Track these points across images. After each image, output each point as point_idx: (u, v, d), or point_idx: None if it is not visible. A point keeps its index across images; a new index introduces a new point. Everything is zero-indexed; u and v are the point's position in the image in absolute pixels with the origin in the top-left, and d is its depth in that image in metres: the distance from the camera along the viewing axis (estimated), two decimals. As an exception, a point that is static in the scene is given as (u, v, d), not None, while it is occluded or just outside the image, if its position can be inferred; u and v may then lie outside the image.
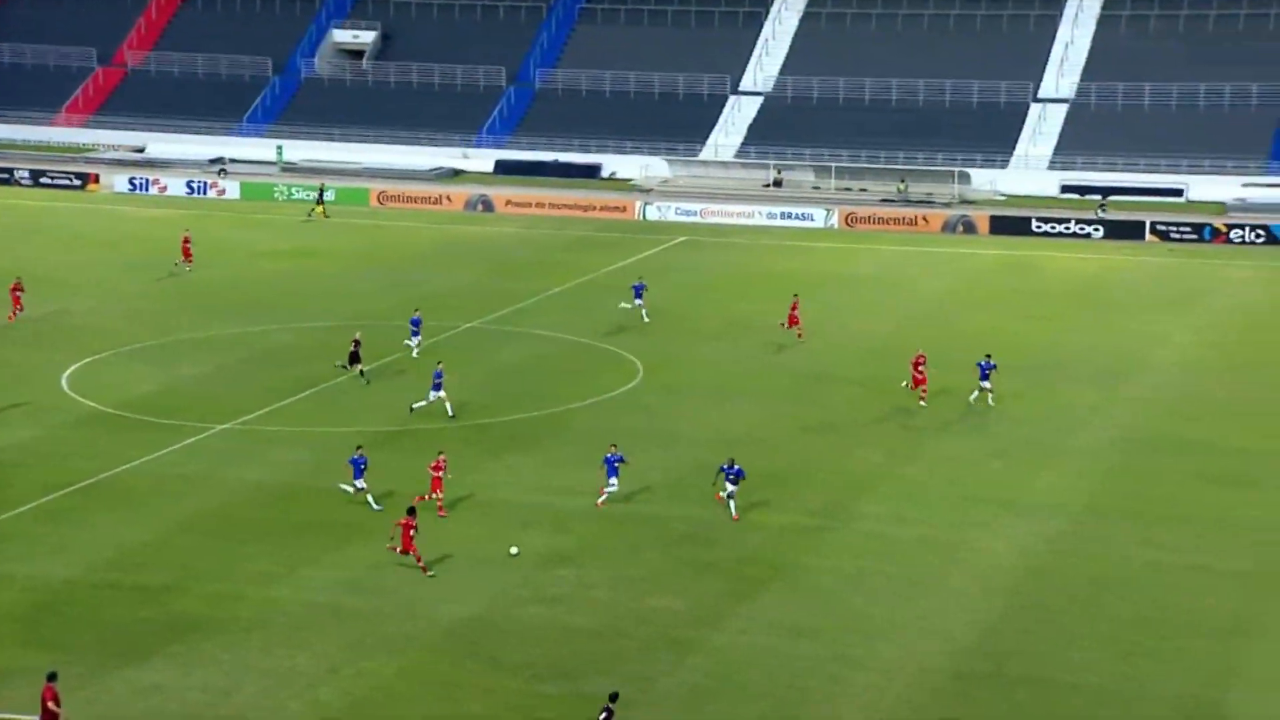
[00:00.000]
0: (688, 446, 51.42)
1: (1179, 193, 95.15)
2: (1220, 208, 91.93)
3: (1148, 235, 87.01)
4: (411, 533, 39.92)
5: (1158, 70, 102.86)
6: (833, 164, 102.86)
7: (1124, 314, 69.64)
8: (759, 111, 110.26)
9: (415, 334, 61.12)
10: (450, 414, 53.54)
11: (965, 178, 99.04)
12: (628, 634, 37.66)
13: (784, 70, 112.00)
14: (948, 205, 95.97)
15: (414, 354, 60.51)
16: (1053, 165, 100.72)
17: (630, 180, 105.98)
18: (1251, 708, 33.74)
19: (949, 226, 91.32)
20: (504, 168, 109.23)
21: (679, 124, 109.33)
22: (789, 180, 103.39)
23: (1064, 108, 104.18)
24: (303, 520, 44.55)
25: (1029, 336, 65.74)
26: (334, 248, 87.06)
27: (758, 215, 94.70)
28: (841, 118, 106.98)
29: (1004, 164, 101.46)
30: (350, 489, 45.16)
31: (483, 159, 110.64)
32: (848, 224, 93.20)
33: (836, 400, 56.94)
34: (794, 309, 63.90)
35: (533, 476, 48.67)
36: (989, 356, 54.90)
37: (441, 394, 53.43)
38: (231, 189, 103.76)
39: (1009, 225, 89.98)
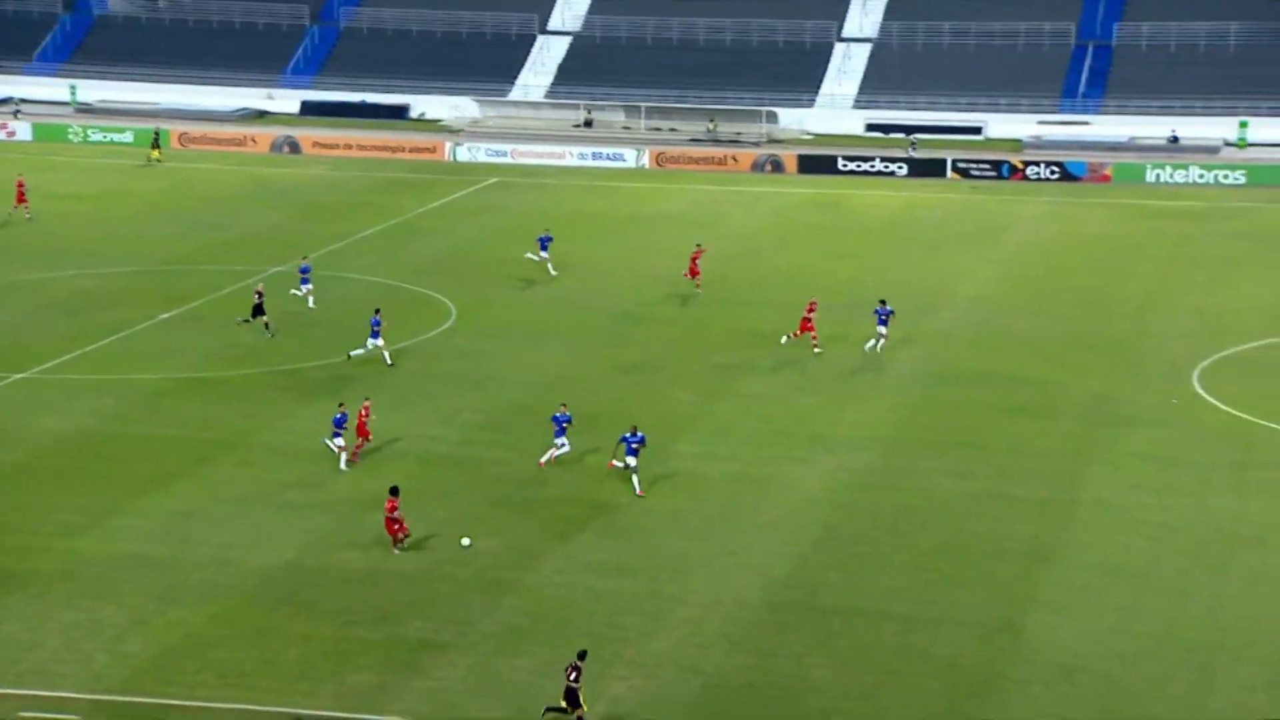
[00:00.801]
0: (503, 388, 51.27)
1: (978, 131, 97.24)
2: (1017, 145, 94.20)
3: (949, 173, 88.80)
4: (396, 512, 38.03)
5: (956, 10, 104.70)
6: (643, 104, 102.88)
7: (928, 250, 71.09)
8: (568, 51, 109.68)
9: (305, 282, 59.80)
10: (389, 362, 52.70)
11: (773, 117, 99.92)
12: (445, 577, 37.53)
13: (592, 10, 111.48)
14: (756, 144, 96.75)
15: (310, 304, 59.23)
16: (858, 104, 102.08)
17: (440, 121, 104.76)
18: (1048, 629, 34.93)
19: (758, 165, 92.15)
20: (310, 109, 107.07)
21: (487, 64, 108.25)
22: (599, 120, 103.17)
23: (867, 47, 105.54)
24: (106, 470, 43.44)
25: (837, 274, 66.75)
26: (135, 190, 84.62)
27: (569, 156, 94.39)
28: (650, 58, 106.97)
29: (810, 103, 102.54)
30: (334, 446, 44.00)
31: (288, 100, 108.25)
32: (658, 164, 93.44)
33: (650, 340, 57.22)
34: (695, 259, 62.33)
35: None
36: (884, 302, 54.51)
37: (380, 341, 52.61)
38: (23, 130, 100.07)
39: (816, 164, 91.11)
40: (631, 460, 41.56)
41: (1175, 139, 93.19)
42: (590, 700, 31.87)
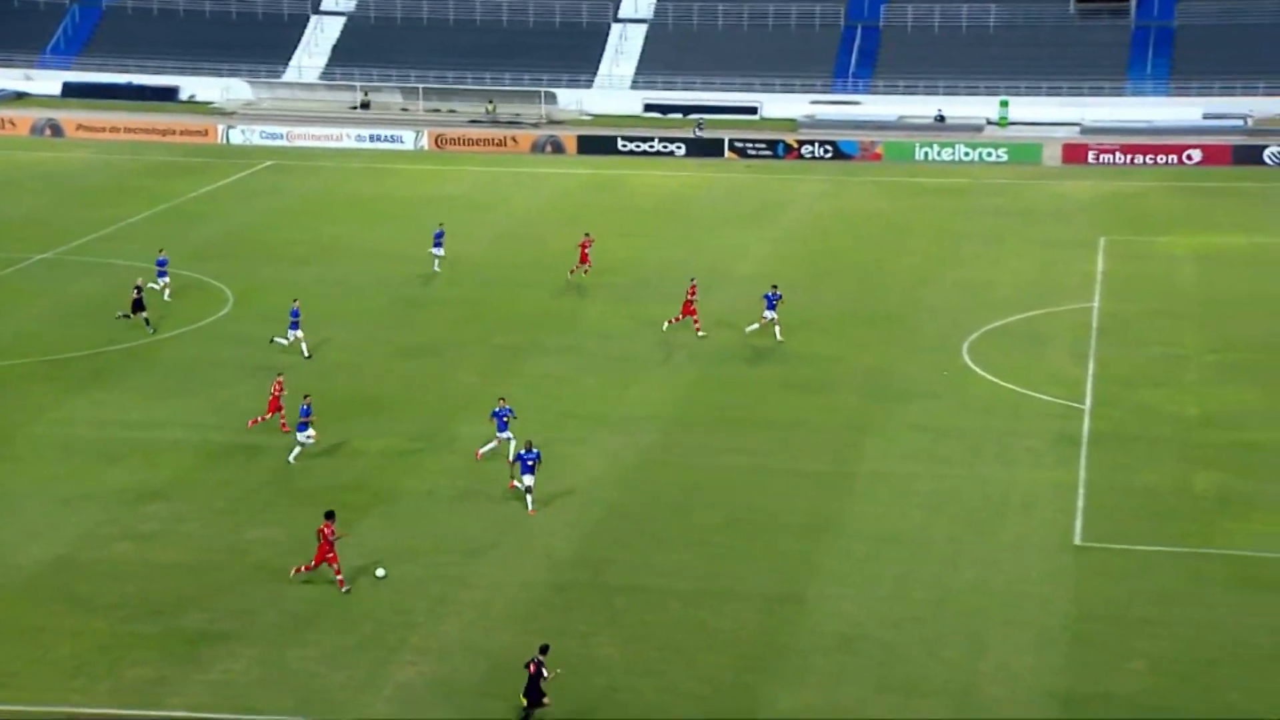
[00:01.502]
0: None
1: (754, 111, 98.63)
2: (792, 124, 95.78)
3: (727, 152, 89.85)
4: (333, 538, 35.08)
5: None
6: (420, 85, 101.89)
7: (706, 229, 71.88)
8: (342, 31, 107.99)
9: (162, 275, 57.51)
10: (306, 355, 51.42)
11: (552, 98, 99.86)
12: (224, 567, 36.75)
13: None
14: (536, 125, 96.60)
15: (165, 297, 56.97)
16: (635, 84, 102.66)
17: (211, 103, 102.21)
18: (828, 599, 35.69)
19: (538, 146, 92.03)
20: (72, 90, 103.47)
21: (259, 45, 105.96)
22: (376, 102, 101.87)
23: (643, 28, 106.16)
24: None
25: (618, 253, 67.05)
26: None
27: (346, 138, 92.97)
28: (427, 38, 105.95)
29: (589, 84, 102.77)
30: (304, 440, 42.66)
31: (48, 81, 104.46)
32: (437, 145, 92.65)
33: (432, 322, 56.75)
34: (585, 247, 61.17)
35: (118, 411, 46.68)
36: (775, 287, 54.48)
37: (299, 334, 51.37)
38: None
39: (596, 144, 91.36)
40: (529, 479, 39.45)
41: (941, 118, 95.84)
42: (377, 687, 31.57)
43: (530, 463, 39.53)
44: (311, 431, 42.64)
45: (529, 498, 39.66)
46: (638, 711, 30.51)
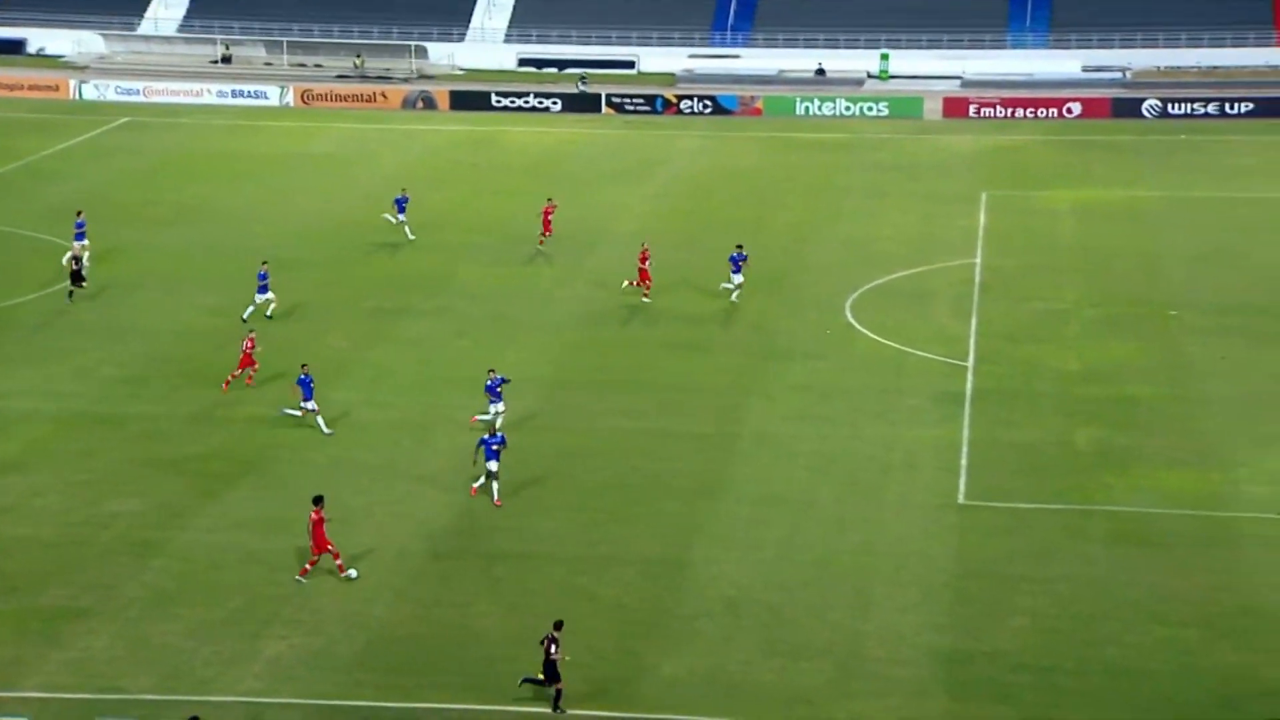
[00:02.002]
0: (144, 340, 49.58)
1: (631, 65, 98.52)
2: (670, 79, 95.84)
3: (604, 108, 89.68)
4: (324, 526, 34.28)
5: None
6: (284, 39, 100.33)
7: (584, 187, 71.78)
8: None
9: (79, 237, 55.85)
10: (269, 314, 51.09)
11: (423, 52, 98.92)
12: (85, 541, 36.19)
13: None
14: (406, 80, 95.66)
15: (85, 261, 55.37)
16: (509, 39, 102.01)
17: (62, 57, 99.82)
18: (713, 563, 36.00)
19: (409, 102, 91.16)
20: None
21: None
22: (239, 56, 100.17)
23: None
24: None
25: (493, 212, 66.77)
26: None
27: (207, 94, 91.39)
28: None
29: (461, 38, 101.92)
30: (298, 412, 42.23)
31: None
32: (304, 101, 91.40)
33: (300, 285, 56.10)
34: (547, 213, 60.11)
35: (-31, 382, 45.64)
36: (740, 247, 54.15)
37: (269, 295, 51.00)
38: None
39: (469, 100, 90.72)
40: (493, 465, 38.16)
41: (821, 72, 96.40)
42: (246, 661, 31.30)
43: (495, 447, 38.19)
44: (313, 403, 42.56)
45: (494, 485, 38.37)
46: (517, 682, 30.53)
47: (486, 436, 38.69)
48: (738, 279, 53.51)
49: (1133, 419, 44.01)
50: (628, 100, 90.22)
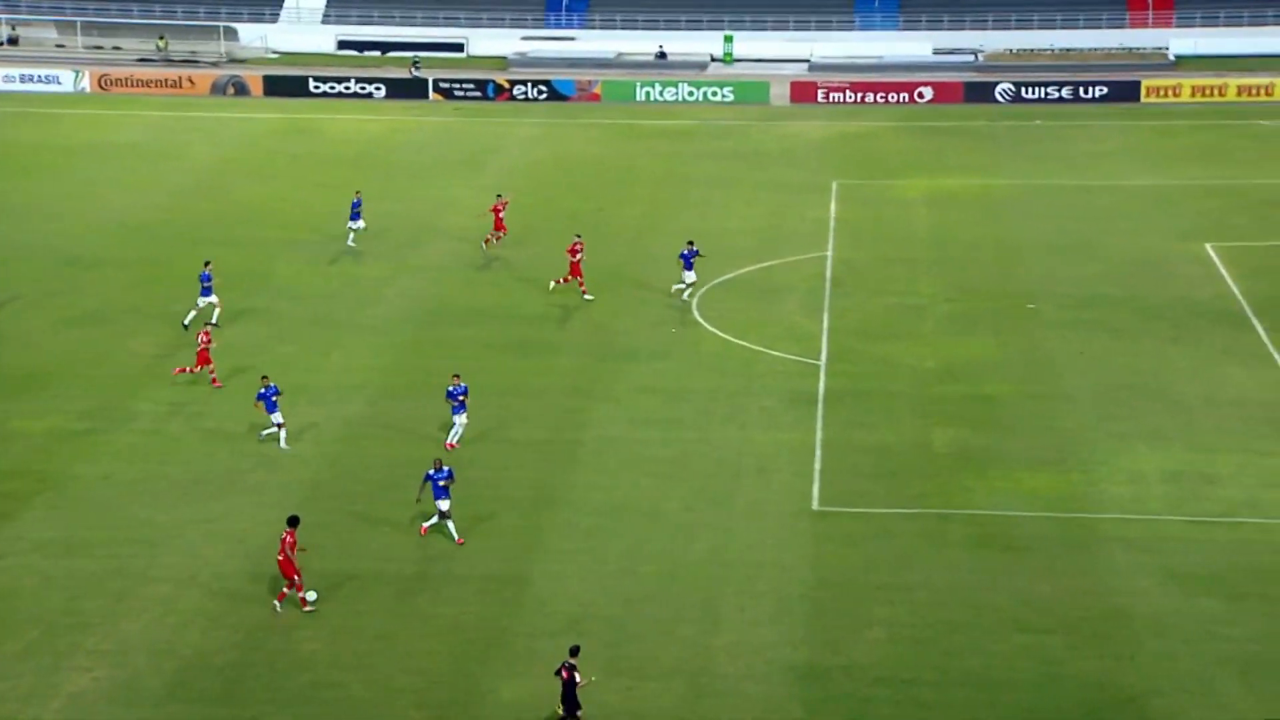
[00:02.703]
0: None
1: (460, 48, 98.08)
2: (502, 63, 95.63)
3: (431, 94, 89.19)
4: (293, 551, 33.85)
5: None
6: (78, 19, 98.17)
7: (411, 179, 71.29)
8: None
9: None
10: (214, 322, 50.04)
11: (232, 34, 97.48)
12: None
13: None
14: (215, 65, 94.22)
15: None
16: (326, 19, 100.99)
17: None
18: (555, 578, 35.91)
19: (219, 88, 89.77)
20: None
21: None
22: (26, 38, 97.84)
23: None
24: None
25: (315, 206, 66.02)
26: None
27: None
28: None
29: (274, 18, 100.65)
30: (273, 429, 41.50)
31: None
32: (101, 87, 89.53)
33: (101, 287, 54.93)
34: (498, 210, 59.18)
35: None
36: (691, 244, 53.88)
37: (213, 298, 50.51)
38: None
39: (285, 86, 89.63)
40: (443, 504, 36.78)
41: (663, 55, 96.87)
42: (44, 698, 30.52)
43: (442, 483, 36.91)
44: (279, 415, 42.06)
45: (450, 525, 37.06)
46: (345, 709, 30.20)
47: (431, 471, 37.04)
48: (690, 276, 53.59)
49: (991, 418, 44.83)
50: (457, 85, 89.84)
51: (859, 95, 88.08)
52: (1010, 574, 36.23)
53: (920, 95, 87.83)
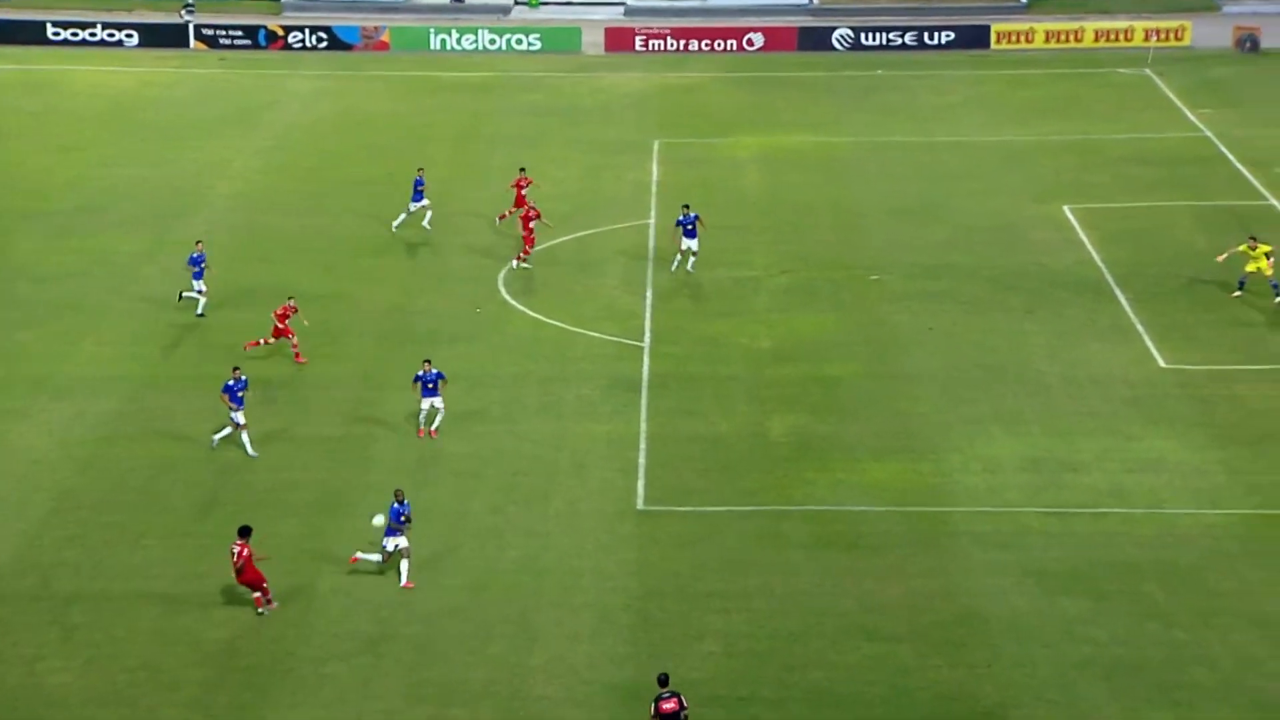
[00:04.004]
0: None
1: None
2: (275, 7, 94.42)
3: (193, 42, 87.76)
4: (253, 559, 34.49)
5: None
6: None
7: (174, 140, 70.18)
8: None
9: None
10: (179, 298, 50.42)
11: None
12: None
13: None
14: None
15: None
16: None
17: None
18: (346, 592, 35.78)
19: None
20: None
21: None
22: None
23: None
24: None
25: (58, 172, 64.72)
26: None
27: None
28: None
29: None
30: (229, 428, 41.78)
31: None
32: None
33: None
34: (521, 186, 57.91)
35: None
36: (687, 208, 53.79)
37: (202, 285, 50.34)
38: None
39: (18, 32, 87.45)
40: (401, 541, 36.13)
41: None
42: None
43: (404, 518, 36.35)
44: (242, 415, 41.58)
45: (403, 565, 36.25)
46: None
47: (396, 505, 36.56)
48: (690, 243, 53.79)
49: (833, 403, 45.49)
50: (223, 32, 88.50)
51: (681, 43, 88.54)
52: (856, 576, 36.83)
53: (749, 43, 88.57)
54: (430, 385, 42.81)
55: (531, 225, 54.63)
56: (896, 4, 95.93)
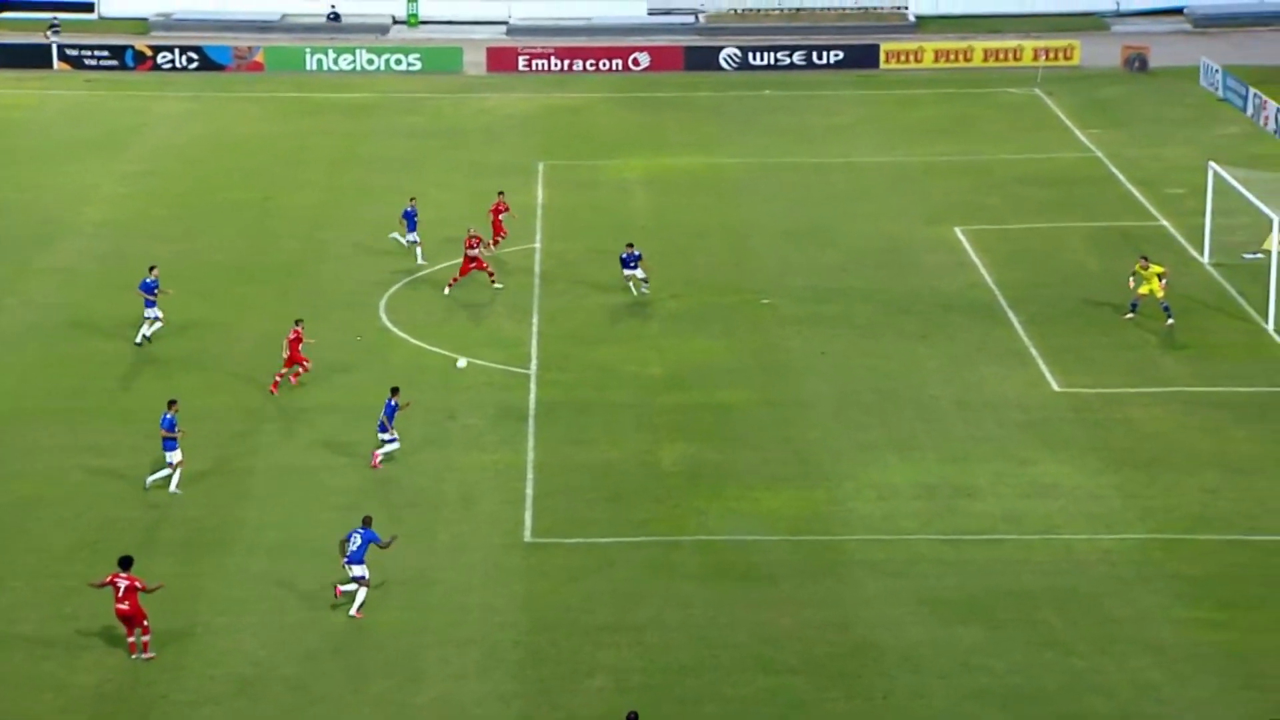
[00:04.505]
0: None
1: (90, 7, 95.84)
2: (142, 26, 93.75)
3: (57, 62, 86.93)
4: (136, 591, 34.28)
5: None
6: None
7: (35, 164, 69.52)
8: None
9: None
10: (146, 337, 50.08)
11: None
12: None
13: None
14: None
15: None
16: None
17: None
18: (222, 633, 35.49)
19: None
20: None
21: None
22: None
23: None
24: None
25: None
26: None
27: None
28: None
29: None
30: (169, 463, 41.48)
31: None
32: None
33: None
34: (498, 212, 58.46)
35: None
36: (631, 246, 54.39)
37: (158, 312, 50.20)
38: None
39: None
40: (357, 569, 36.12)
41: (336, 16, 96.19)
42: None
43: (372, 544, 36.29)
44: (179, 454, 41.39)
45: (361, 594, 36.15)
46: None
47: (360, 529, 36.45)
48: (635, 273, 54.72)
49: (725, 430, 45.65)
50: (88, 53, 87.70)
51: (565, 63, 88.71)
52: (750, 607, 36.95)
53: (635, 63, 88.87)
54: (383, 421, 43.03)
55: (472, 252, 54.87)
56: (784, 23, 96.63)
